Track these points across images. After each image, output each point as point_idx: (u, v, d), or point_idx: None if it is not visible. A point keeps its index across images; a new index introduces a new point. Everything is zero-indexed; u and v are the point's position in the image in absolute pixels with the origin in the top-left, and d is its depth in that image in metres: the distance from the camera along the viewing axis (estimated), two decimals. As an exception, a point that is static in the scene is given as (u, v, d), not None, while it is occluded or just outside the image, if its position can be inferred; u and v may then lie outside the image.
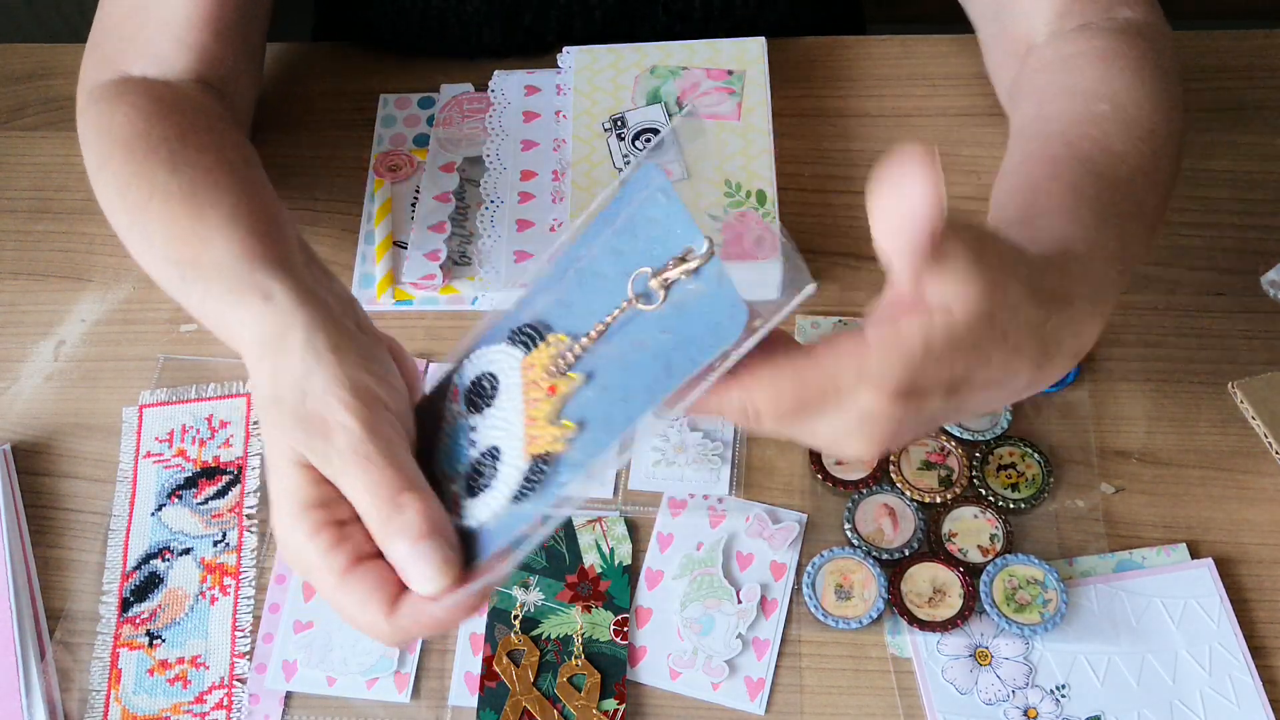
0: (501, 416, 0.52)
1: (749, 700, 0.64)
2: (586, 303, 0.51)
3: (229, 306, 0.56)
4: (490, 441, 0.52)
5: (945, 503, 0.68)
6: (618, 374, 0.50)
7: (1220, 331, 0.74)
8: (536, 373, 0.52)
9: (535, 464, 0.50)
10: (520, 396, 0.52)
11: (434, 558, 0.48)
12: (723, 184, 0.77)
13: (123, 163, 0.66)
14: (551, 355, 0.51)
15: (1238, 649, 0.64)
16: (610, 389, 0.49)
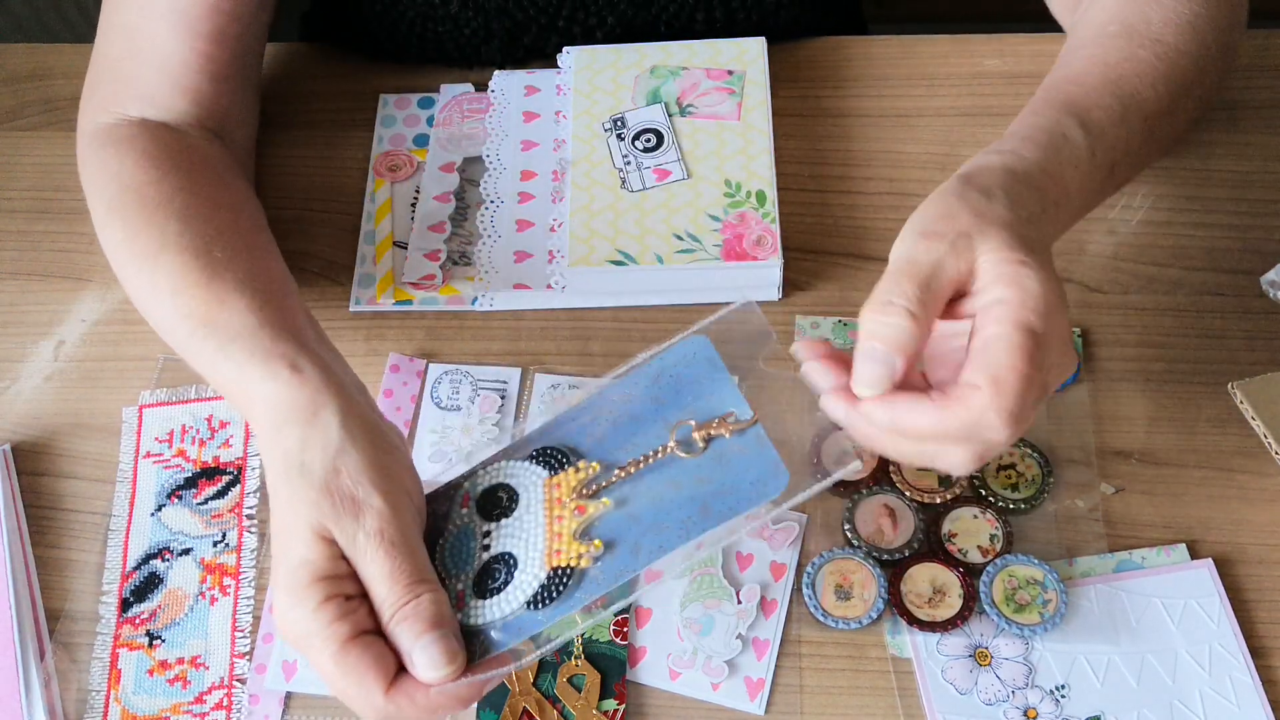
0: (520, 527, 0.54)
1: (749, 700, 0.64)
2: (621, 440, 0.55)
3: (250, 371, 0.57)
4: (506, 548, 0.54)
5: (945, 503, 0.68)
6: (650, 508, 0.53)
7: (1220, 331, 0.74)
8: (563, 492, 0.54)
9: (556, 574, 0.52)
10: (543, 511, 0.54)
11: (443, 647, 0.50)
12: (723, 184, 0.77)
13: (134, 210, 0.66)
14: (581, 479, 0.54)
15: (1238, 649, 0.64)
16: (642, 520, 0.52)
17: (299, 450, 0.53)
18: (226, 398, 0.61)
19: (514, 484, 0.56)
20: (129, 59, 0.73)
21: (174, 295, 0.62)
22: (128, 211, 0.67)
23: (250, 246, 0.65)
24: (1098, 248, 0.78)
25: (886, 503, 0.69)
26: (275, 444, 0.54)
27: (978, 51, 0.87)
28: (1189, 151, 0.82)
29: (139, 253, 0.65)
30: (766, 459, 0.52)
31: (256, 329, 0.58)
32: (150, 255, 0.64)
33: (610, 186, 0.77)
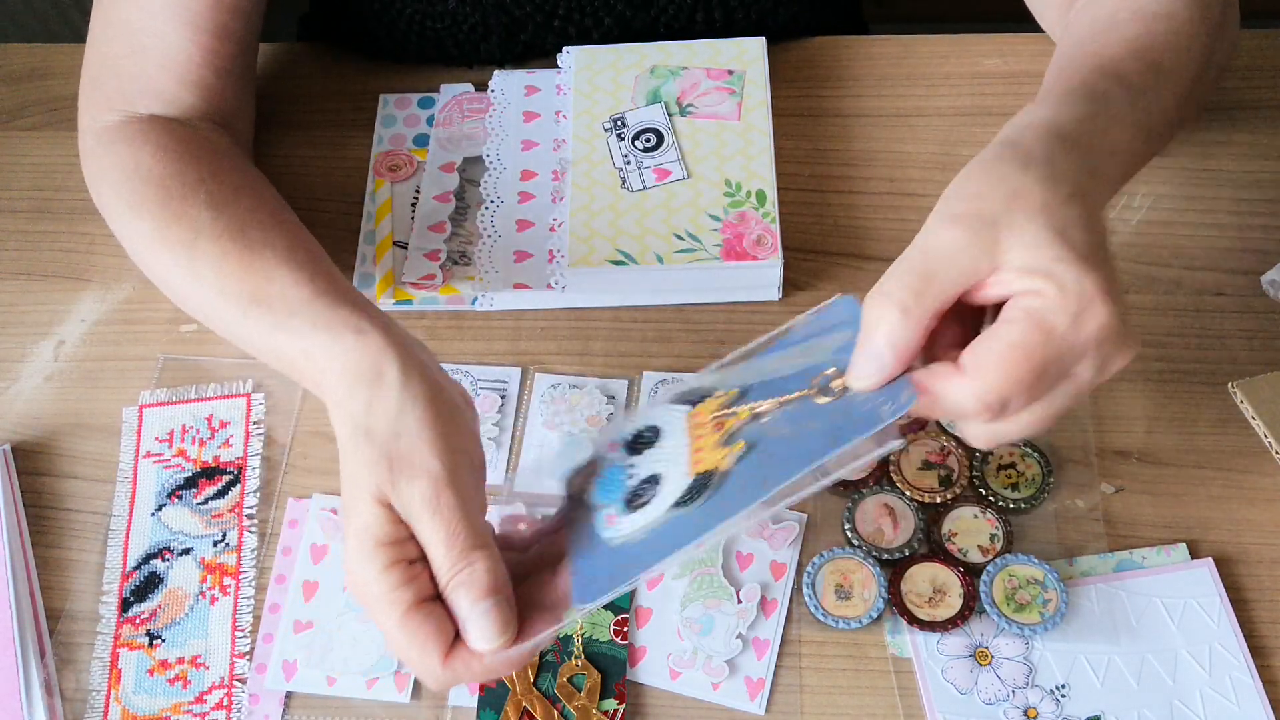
0: (664, 453, 0.55)
1: (749, 700, 0.64)
2: (762, 392, 0.54)
3: (314, 341, 0.57)
4: (651, 471, 0.54)
5: (945, 503, 0.68)
6: (783, 442, 0.52)
7: (1220, 331, 0.74)
8: (703, 418, 0.55)
9: (699, 479, 0.52)
10: (685, 438, 0.55)
11: (495, 616, 0.50)
12: (723, 184, 0.77)
13: (159, 203, 0.67)
14: (720, 404, 0.54)
15: (1238, 649, 0.64)
16: (774, 450, 0.52)
17: (364, 414, 0.53)
18: (289, 373, 0.61)
19: (657, 423, 0.56)
20: (132, 56, 0.72)
21: (218, 279, 0.63)
22: (153, 205, 0.67)
23: (281, 223, 0.65)
24: (1098, 248, 0.78)
25: (886, 502, 0.69)
26: (344, 409, 0.55)
27: (978, 51, 0.87)
28: (1189, 151, 0.82)
29: (173, 242, 0.65)
30: (896, 386, 0.50)
31: (311, 300, 0.59)
32: (185, 244, 0.64)
33: (610, 186, 0.77)
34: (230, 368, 0.76)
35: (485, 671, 0.51)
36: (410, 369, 0.54)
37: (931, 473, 0.69)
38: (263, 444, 0.73)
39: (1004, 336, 0.48)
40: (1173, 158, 0.81)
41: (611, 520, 0.54)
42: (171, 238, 0.65)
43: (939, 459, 0.70)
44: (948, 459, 0.70)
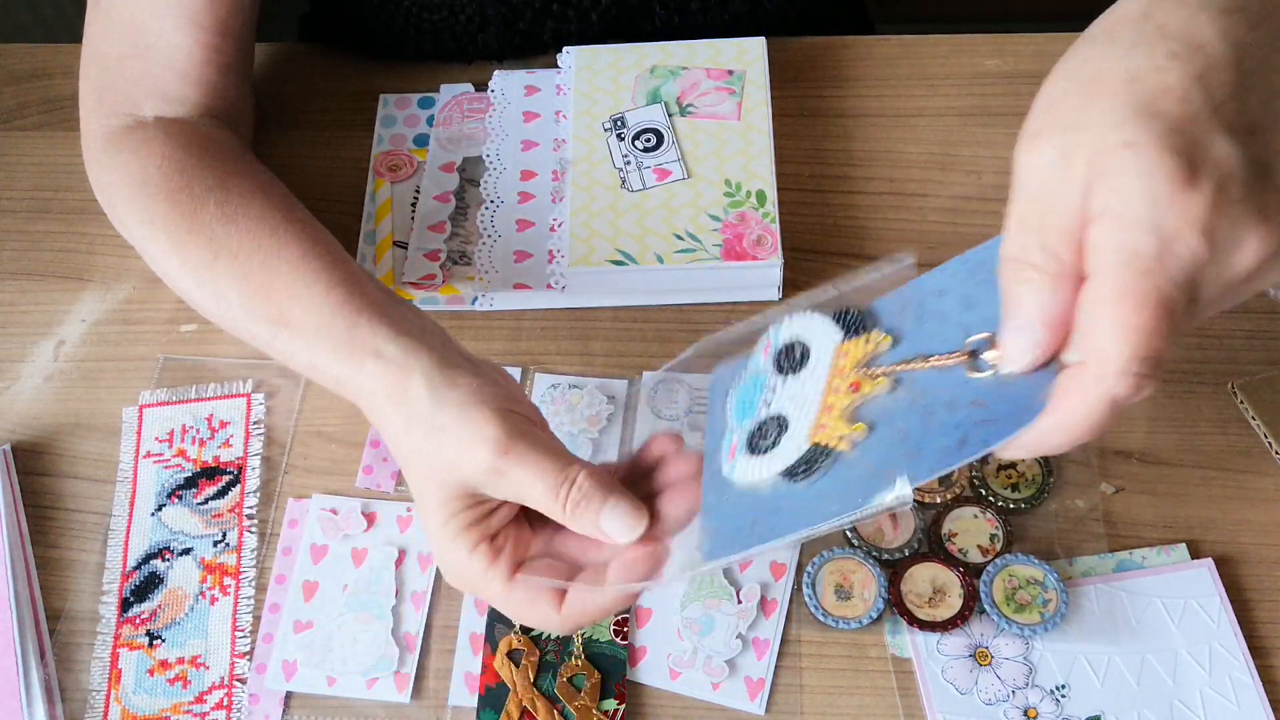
0: (801, 389, 0.52)
1: (749, 700, 0.64)
2: (920, 334, 0.50)
3: (343, 368, 0.59)
4: (782, 410, 0.52)
5: (945, 503, 0.68)
6: (918, 420, 0.47)
7: (1220, 331, 0.74)
8: (847, 363, 0.51)
9: (813, 451, 0.50)
10: (825, 378, 0.52)
11: (626, 507, 0.52)
12: (723, 184, 0.77)
13: (173, 220, 0.67)
14: (867, 353, 0.51)
15: (1238, 649, 0.64)
16: (907, 433, 0.47)
17: (404, 433, 0.55)
18: (327, 387, 0.61)
19: (809, 342, 0.53)
20: (134, 57, 0.72)
21: (243, 302, 0.63)
22: (166, 222, 0.67)
23: (292, 224, 0.65)
24: (1098, 248, 0.78)
25: (886, 503, 0.69)
26: (388, 429, 0.57)
27: (978, 51, 0.87)
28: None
29: (194, 264, 0.65)
30: (1039, 386, 0.43)
31: (331, 320, 0.60)
32: (205, 265, 0.65)
33: (610, 186, 0.77)
34: (230, 368, 0.76)
35: (601, 610, 0.53)
36: (434, 372, 0.56)
37: (931, 473, 0.69)
38: (263, 444, 0.73)
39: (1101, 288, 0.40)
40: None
41: (733, 452, 0.53)
42: (191, 259, 0.66)
43: (939, 459, 0.70)
44: (948, 459, 0.70)
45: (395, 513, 0.70)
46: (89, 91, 0.74)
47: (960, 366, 0.47)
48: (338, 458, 0.73)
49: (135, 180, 0.69)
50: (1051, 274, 0.41)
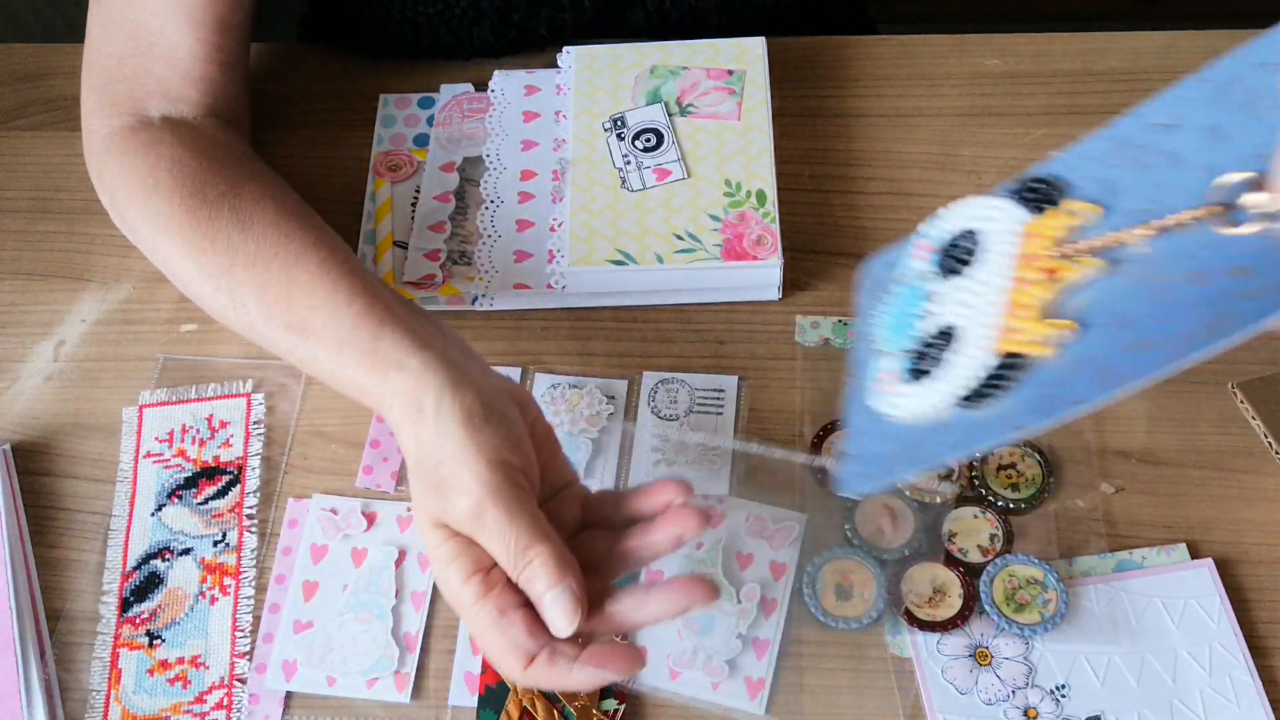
0: (973, 290, 0.41)
1: (749, 700, 0.64)
2: (1142, 185, 0.38)
3: (368, 379, 0.59)
4: (948, 319, 0.42)
5: (945, 503, 0.68)
6: (1148, 302, 0.37)
7: (1220, 331, 0.74)
8: (1038, 245, 0.40)
9: (1005, 365, 0.39)
10: (1009, 270, 0.40)
11: (562, 603, 0.53)
12: (723, 184, 0.77)
13: (188, 227, 0.66)
14: (1069, 225, 0.40)
15: (1238, 649, 0.64)
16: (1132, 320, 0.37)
17: (414, 447, 0.56)
18: (348, 394, 0.62)
19: (983, 228, 0.42)
20: (136, 56, 0.72)
21: (263, 310, 0.64)
22: (182, 228, 0.66)
23: (306, 229, 0.66)
24: (1098, 248, 0.78)
25: (886, 502, 0.69)
26: (403, 443, 0.58)
27: (978, 51, 0.88)
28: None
29: (211, 272, 0.65)
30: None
31: (354, 330, 0.60)
32: (223, 273, 0.65)
33: (610, 186, 0.77)
34: (230, 368, 0.76)
35: (561, 684, 0.54)
36: (445, 393, 0.56)
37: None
38: (263, 444, 0.73)
39: None
40: (1173, 158, 0.81)
41: (887, 384, 0.43)
42: (208, 266, 0.65)
43: (939, 459, 0.70)
44: (948, 459, 0.70)
45: (395, 513, 0.70)
46: (90, 91, 0.73)
47: (1209, 223, 0.36)
48: (338, 458, 0.73)
49: (146, 184, 0.68)
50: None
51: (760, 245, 0.74)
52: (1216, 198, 0.35)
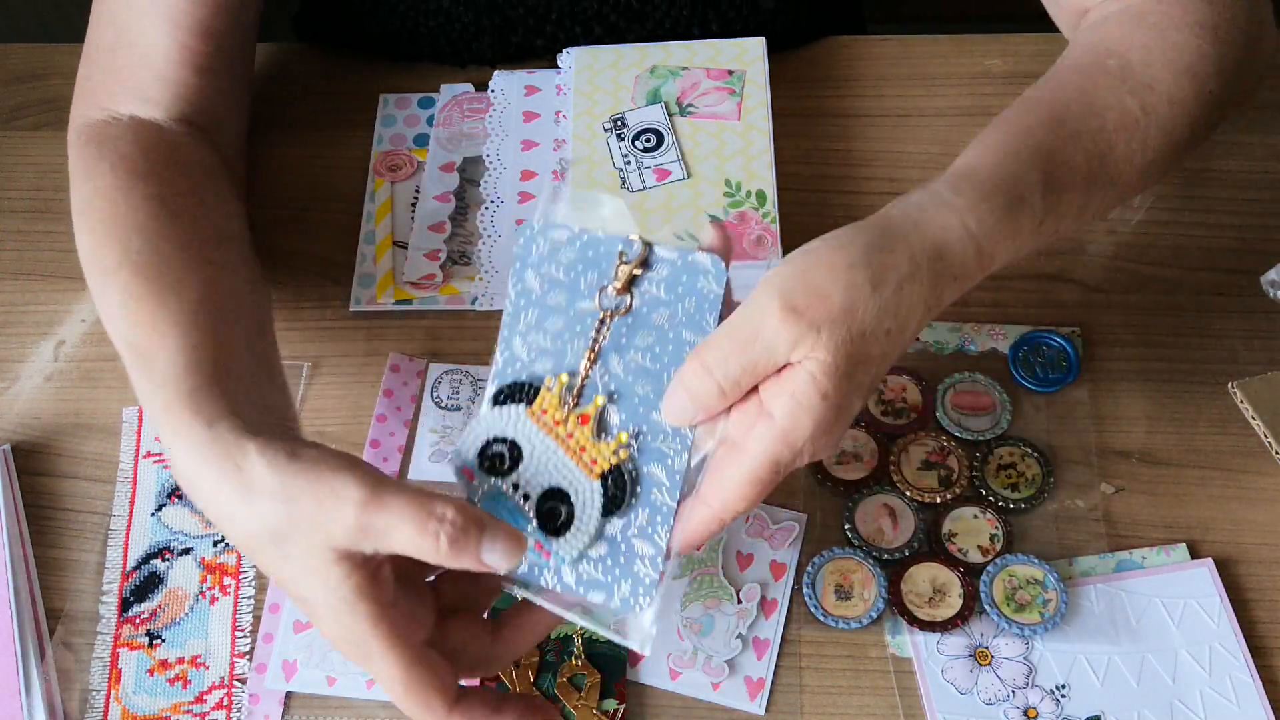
0: (541, 462, 0.54)
1: (749, 700, 0.64)
2: (558, 343, 0.55)
3: (171, 420, 0.54)
4: (544, 484, 0.54)
5: (945, 503, 0.68)
6: (640, 377, 0.54)
7: (1220, 331, 0.74)
8: (551, 415, 0.54)
9: (605, 479, 0.53)
10: (549, 439, 0.54)
11: (502, 537, 0.49)
12: (723, 184, 0.77)
13: (100, 219, 0.65)
14: (559, 393, 0.54)
15: (1238, 649, 0.64)
16: (644, 397, 0.53)
17: (242, 505, 0.51)
18: (157, 436, 0.58)
19: (499, 434, 0.55)
20: (117, 49, 0.72)
21: (121, 320, 0.61)
22: (94, 220, 0.65)
23: (208, 262, 0.63)
24: (1098, 248, 0.78)
25: (887, 502, 0.69)
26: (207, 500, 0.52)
27: (978, 51, 0.88)
28: (1189, 151, 0.82)
29: (101, 269, 0.63)
30: (691, 263, 0.53)
31: (181, 374, 0.56)
32: (109, 271, 0.62)
33: (610, 186, 0.77)
34: (230, 368, 0.76)
35: None
36: (267, 449, 0.51)
37: (931, 473, 0.70)
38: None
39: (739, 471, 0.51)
40: (1173, 158, 0.81)
41: (541, 549, 0.53)
42: (98, 262, 0.63)
43: (939, 459, 0.70)
44: (947, 459, 0.70)
45: (395, 513, 0.70)
46: (80, 76, 0.74)
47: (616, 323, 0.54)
48: (338, 458, 0.73)
49: (88, 175, 0.68)
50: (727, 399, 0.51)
51: (760, 245, 0.74)
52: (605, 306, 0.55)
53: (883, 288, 0.51)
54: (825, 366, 0.50)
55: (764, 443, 0.51)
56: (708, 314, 0.53)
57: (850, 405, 0.52)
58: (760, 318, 0.50)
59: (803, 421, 0.50)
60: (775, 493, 0.69)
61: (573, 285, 0.55)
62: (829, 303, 0.50)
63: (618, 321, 0.54)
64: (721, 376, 0.51)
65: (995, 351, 0.74)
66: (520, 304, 0.55)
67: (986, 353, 0.74)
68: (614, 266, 0.54)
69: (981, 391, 0.72)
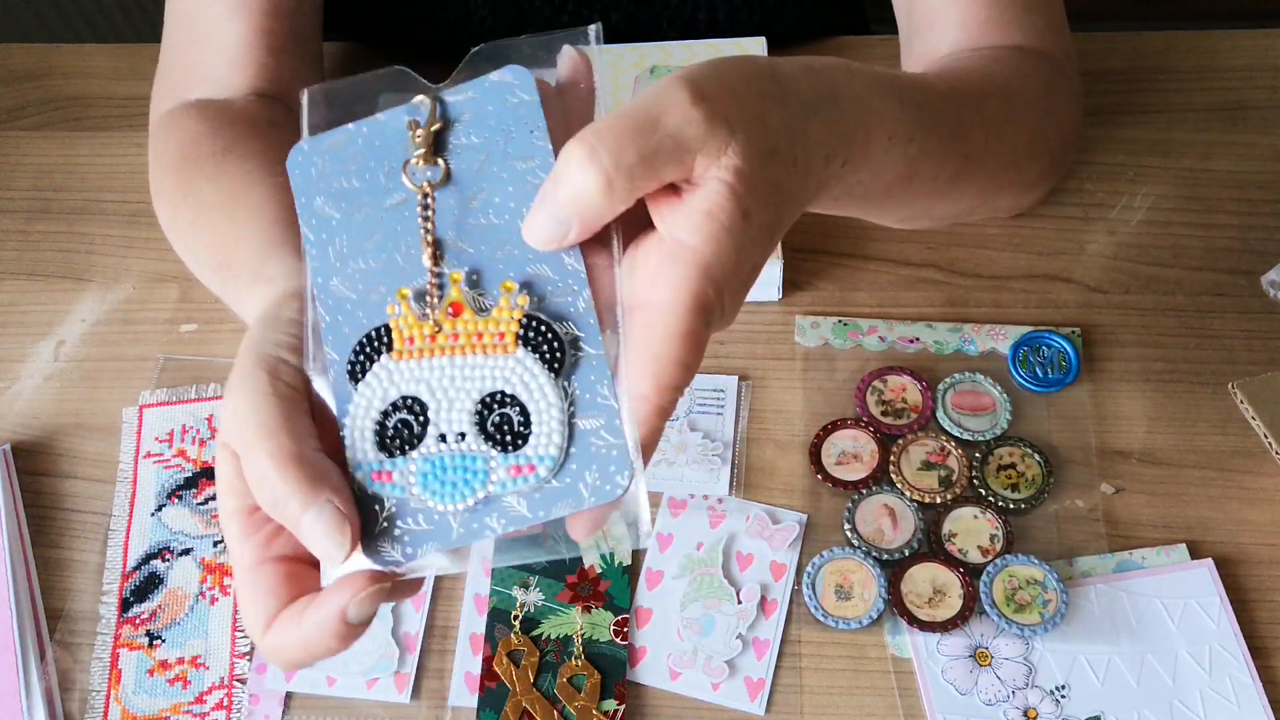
0: (447, 390, 0.43)
1: (749, 700, 0.64)
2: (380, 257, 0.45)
3: (245, 301, 0.55)
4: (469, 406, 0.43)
5: (945, 503, 0.68)
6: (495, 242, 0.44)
7: (1220, 331, 0.74)
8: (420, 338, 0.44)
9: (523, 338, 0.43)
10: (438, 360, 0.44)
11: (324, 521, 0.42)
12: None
13: (173, 186, 0.67)
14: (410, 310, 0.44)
15: (1238, 649, 0.64)
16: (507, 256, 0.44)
17: None
18: None
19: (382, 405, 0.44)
20: (190, 46, 0.74)
21: (209, 255, 0.62)
22: (169, 190, 0.68)
23: (273, 173, 0.63)
24: (1098, 248, 0.78)
25: (887, 503, 0.69)
26: None
27: (978, 51, 0.87)
28: (1189, 151, 0.82)
29: (182, 228, 0.66)
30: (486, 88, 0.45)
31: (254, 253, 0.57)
32: (189, 225, 0.65)
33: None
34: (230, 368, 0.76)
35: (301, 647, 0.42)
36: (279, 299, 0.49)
37: (931, 473, 0.70)
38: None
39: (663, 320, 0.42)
40: (1173, 158, 0.81)
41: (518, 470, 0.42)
42: (180, 222, 0.66)
43: (939, 459, 0.70)
44: (948, 459, 0.70)
45: (395, 513, 0.70)
46: (156, 81, 0.76)
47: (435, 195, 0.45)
48: (338, 458, 0.73)
49: (158, 155, 0.70)
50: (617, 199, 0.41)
51: (760, 245, 0.74)
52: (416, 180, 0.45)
53: (789, 103, 0.45)
54: (743, 176, 0.42)
55: (685, 280, 0.41)
56: (531, 129, 0.43)
57: (762, 244, 0.44)
58: (665, 103, 0.42)
59: (725, 247, 0.42)
60: (775, 493, 0.70)
61: (372, 185, 0.45)
62: (741, 102, 0.43)
63: (440, 195, 0.44)
64: (611, 164, 0.40)
65: (995, 351, 0.74)
66: (322, 239, 0.45)
67: (986, 353, 0.74)
68: (409, 140, 0.45)
69: (981, 391, 0.72)
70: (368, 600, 0.42)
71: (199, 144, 0.68)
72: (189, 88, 0.73)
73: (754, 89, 0.44)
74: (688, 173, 0.42)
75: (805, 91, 0.46)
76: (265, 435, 0.42)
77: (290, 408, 0.44)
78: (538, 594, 0.67)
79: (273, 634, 0.43)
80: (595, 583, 0.67)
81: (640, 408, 0.41)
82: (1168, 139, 0.82)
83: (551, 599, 0.67)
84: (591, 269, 0.43)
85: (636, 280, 0.43)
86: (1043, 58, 0.70)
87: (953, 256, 0.77)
